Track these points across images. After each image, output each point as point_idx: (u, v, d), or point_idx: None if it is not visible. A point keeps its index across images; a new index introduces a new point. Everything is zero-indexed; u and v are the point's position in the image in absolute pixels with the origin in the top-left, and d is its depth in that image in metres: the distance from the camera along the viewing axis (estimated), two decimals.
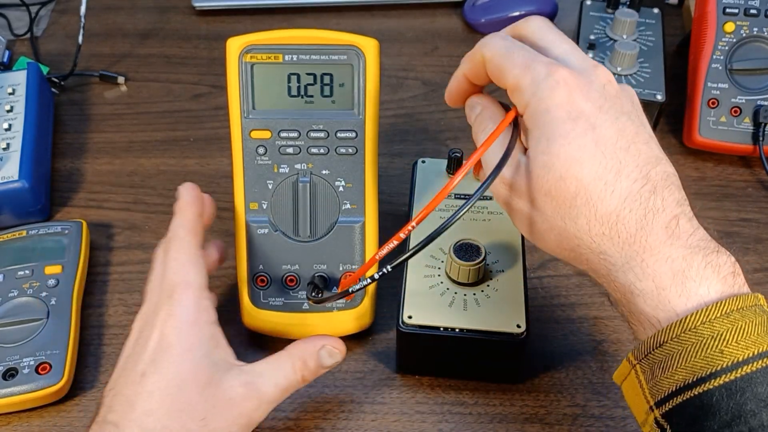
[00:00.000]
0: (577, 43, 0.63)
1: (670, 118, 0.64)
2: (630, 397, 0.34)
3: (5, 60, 0.69)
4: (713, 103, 0.59)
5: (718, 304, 0.31)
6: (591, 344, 0.49)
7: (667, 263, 0.32)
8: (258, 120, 0.45)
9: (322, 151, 0.45)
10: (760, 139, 0.59)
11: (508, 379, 0.47)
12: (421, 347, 0.45)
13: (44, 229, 0.53)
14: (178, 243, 0.41)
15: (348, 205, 0.46)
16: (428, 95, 0.67)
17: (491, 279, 0.45)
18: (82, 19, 0.67)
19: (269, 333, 0.48)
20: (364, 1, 0.76)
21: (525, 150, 0.36)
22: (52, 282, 0.49)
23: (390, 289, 0.52)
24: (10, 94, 0.59)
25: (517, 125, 0.36)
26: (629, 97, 0.36)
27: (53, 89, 0.67)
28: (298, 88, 0.44)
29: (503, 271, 0.46)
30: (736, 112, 0.59)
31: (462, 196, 0.51)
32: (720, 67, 0.59)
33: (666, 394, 0.31)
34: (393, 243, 0.38)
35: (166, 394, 0.37)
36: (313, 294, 0.45)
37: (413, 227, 0.38)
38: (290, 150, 0.45)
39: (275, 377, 0.40)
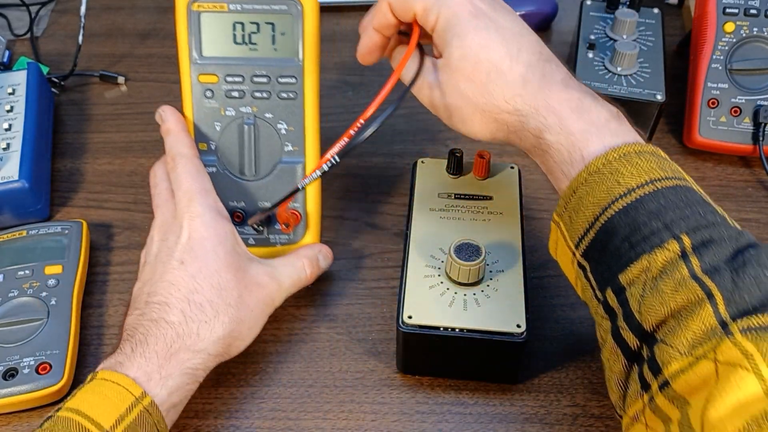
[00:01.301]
0: (577, 43, 0.63)
1: (670, 118, 0.64)
2: (562, 260, 0.41)
3: (5, 60, 0.70)
4: (713, 103, 0.59)
5: (618, 149, 0.37)
6: (591, 344, 0.49)
7: (566, 102, 0.39)
8: (205, 65, 0.48)
9: (264, 95, 0.48)
10: (760, 139, 0.59)
11: (508, 379, 0.47)
12: (421, 347, 0.45)
13: (44, 229, 0.53)
14: (184, 158, 0.46)
15: (290, 147, 0.49)
16: None
17: (491, 279, 0.45)
18: (82, 19, 0.67)
19: None
20: (364, 1, 0.76)
21: (438, 56, 0.43)
22: (52, 282, 0.49)
23: (390, 288, 0.52)
24: (10, 94, 0.59)
25: (421, 48, 0.45)
26: (508, 7, 0.44)
27: (53, 89, 0.67)
28: (243, 36, 0.47)
29: (503, 271, 0.46)
30: (736, 112, 0.59)
31: (462, 196, 0.51)
32: (720, 67, 0.59)
33: (581, 234, 0.38)
34: (344, 140, 0.43)
35: (206, 276, 0.43)
36: (256, 226, 0.49)
37: (361, 123, 0.44)
38: (235, 94, 0.48)
39: (290, 271, 0.47)
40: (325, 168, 0.44)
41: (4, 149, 0.55)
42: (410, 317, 0.43)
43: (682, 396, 0.31)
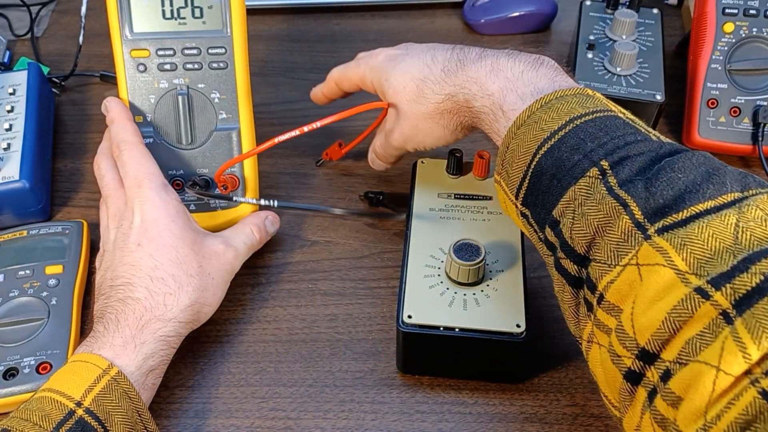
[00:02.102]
0: (577, 43, 0.63)
1: (669, 118, 0.64)
2: (511, 216, 0.43)
3: (6, 60, 0.70)
4: (712, 104, 0.60)
5: (539, 100, 0.39)
6: None
7: (482, 69, 0.44)
8: (137, 41, 0.50)
9: (196, 66, 0.50)
10: (760, 139, 0.59)
11: (508, 379, 0.47)
12: (421, 347, 0.45)
13: (45, 229, 0.53)
14: (128, 145, 0.48)
15: (224, 115, 0.51)
16: None
17: (491, 279, 0.45)
18: (83, 20, 0.67)
19: None
20: (364, 2, 0.76)
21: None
22: (52, 282, 0.49)
23: (390, 288, 0.52)
24: (10, 94, 0.59)
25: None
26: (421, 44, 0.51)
27: (54, 89, 0.67)
28: (172, 11, 0.50)
29: (503, 271, 0.46)
30: (735, 112, 0.59)
31: (462, 196, 0.51)
32: (719, 68, 0.59)
33: (518, 184, 0.40)
34: (293, 132, 0.49)
35: (164, 252, 0.45)
36: (195, 189, 0.51)
37: (317, 126, 0.49)
38: (167, 66, 0.50)
39: (242, 238, 0.50)
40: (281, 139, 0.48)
41: (4, 149, 0.55)
42: (410, 317, 0.43)
43: (616, 305, 0.33)
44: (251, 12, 0.76)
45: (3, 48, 0.70)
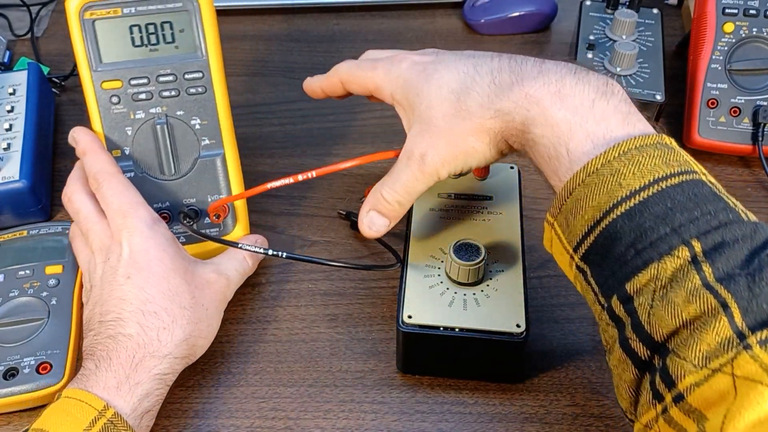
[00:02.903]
0: (577, 43, 0.63)
1: (669, 118, 0.64)
2: (558, 257, 0.39)
3: (6, 60, 0.70)
4: (712, 104, 0.60)
5: (615, 147, 0.35)
6: (591, 344, 0.49)
7: (544, 86, 0.38)
8: (107, 72, 0.48)
9: (173, 93, 0.48)
10: (760, 139, 0.59)
11: (508, 379, 0.47)
12: (421, 347, 0.45)
13: (45, 229, 0.53)
14: (107, 176, 0.45)
15: (207, 141, 0.50)
16: None
17: (491, 279, 0.45)
18: None
19: None
20: (363, 2, 0.76)
21: (408, 124, 0.44)
22: (52, 282, 0.49)
23: (390, 288, 0.52)
24: (10, 94, 0.59)
25: None
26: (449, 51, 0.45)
27: (54, 89, 0.67)
28: (141, 38, 0.47)
29: (503, 271, 0.46)
30: (735, 112, 0.59)
31: (462, 197, 0.51)
32: (719, 68, 0.59)
33: (580, 237, 0.35)
34: (287, 180, 0.45)
35: (155, 284, 0.43)
36: (185, 222, 0.49)
37: (312, 176, 0.45)
38: (143, 96, 0.48)
39: (234, 265, 0.48)
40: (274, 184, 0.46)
41: (4, 149, 0.55)
42: (410, 317, 0.43)
43: (698, 410, 0.30)
44: (250, 12, 0.77)
45: (3, 48, 0.70)
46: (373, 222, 0.45)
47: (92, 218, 0.45)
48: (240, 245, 0.47)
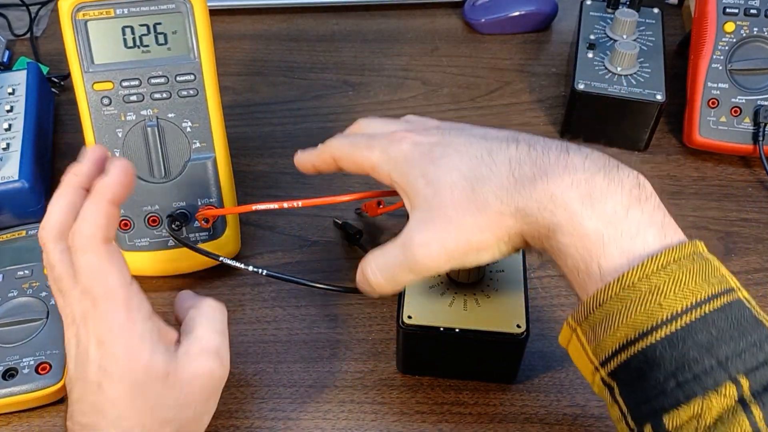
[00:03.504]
0: (577, 43, 0.63)
1: (670, 118, 0.64)
2: (576, 358, 0.36)
3: (5, 60, 0.70)
4: (713, 103, 0.59)
5: (655, 258, 0.32)
6: None
7: (572, 188, 0.33)
8: (99, 73, 0.47)
9: (164, 95, 0.48)
10: (760, 139, 0.59)
11: (508, 379, 0.47)
12: (422, 347, 0.45)
13: None
14: (91, 244, 0.36)
15: (198, 144, 0.49)
16: (428, 95, 0.67)
17: (491, 279, 0.45)
18: None
19: (140, 273, 0.50)
20: (363, 1, 0.76)
21: (408, 207, 0.38)
22: None
23: None
24: (10, 94, 0.59)
25: None
26: (457, 126, 0.41)
27: (53, 89, 0.67)
28: (134, 39, 0.47)
29: (503, 271, 0.46)
30: (736, 112, 0.59)
31: None
32: (720, 67, 0.59)
33: (610, 353, 0.32)
34: (272, 205, 0.45)
35: (130, 399, 0.36)
36: (174, 226, 0.48)
37: (298, 205, 0.45)
38: (134, 98, 0.48)
39: (217, 327, 0.40)
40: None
41: (4, 149, 0.55)
42: (410, 317, 0.43)
43: None
44: (251, 12, 0.77)
45: (2, 48, 0.70)
46: (361, 283, 0.40)
47: (64, 281, 0.36)
48: (221, 259, 0.47)
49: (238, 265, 0.46)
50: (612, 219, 0.33)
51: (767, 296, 0.52)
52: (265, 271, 0.46)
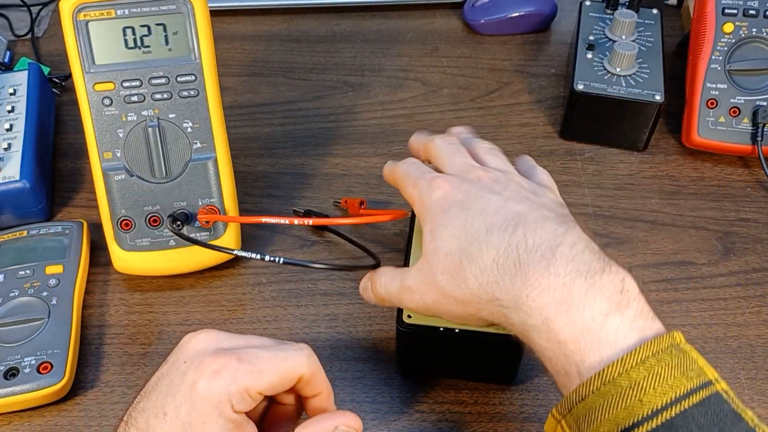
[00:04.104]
0: (577, 43, 0.63)
1: (669, 118, 0.64)
2: None
3: (6, 60, 0.70)
4: (712, 104, 0.60)
5: (634, 352, 0.31)
6: None
7: (549, 292, 0.34)
8: (100, 73, 0.47)
9: (165, 96, 0.48)
10: (759, 139, 0.59)
11: (508, 380, 0.47)
12: (421, 347, 0.45)
13: (45, 229, 0.53)
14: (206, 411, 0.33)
15: (198, 144, 0.49)
16: (428, 96, 0.68)
17: None
18: None
19: (140, 273, 0.52)
20: (364, 2, 0.76)
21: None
22: (53, 282, 0.49)
23: None
24: (11, 94, 0.59)
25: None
26: (515, 182, 0.40)
27: (54, 90, 0.67)
28: (134, 39, 0.47)
29: None
30: (734, 112, 0.59)
31: None
32: (719, 68, 0.60)
33: None
34: (283, 220, 0.46)
35: None
36: (174, 226, 0.49)
37: (308, 224, 0.47)
38: (135, 98, 0.48)
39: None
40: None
41: (5, 149, 0.55)
42: (410, 317, 0.43)
43: None
44: (251, 12, 0.77)
45: (3, 48, 0.70)
46: (365, 290, 0.44)
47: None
48: (236, 252, 0.46)
49: (252, 255, 0.45)
50: (589, 327, 0.33)
51: (766, 296, 0.52)
52: (282, 259, 0.45)
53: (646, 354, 0.32)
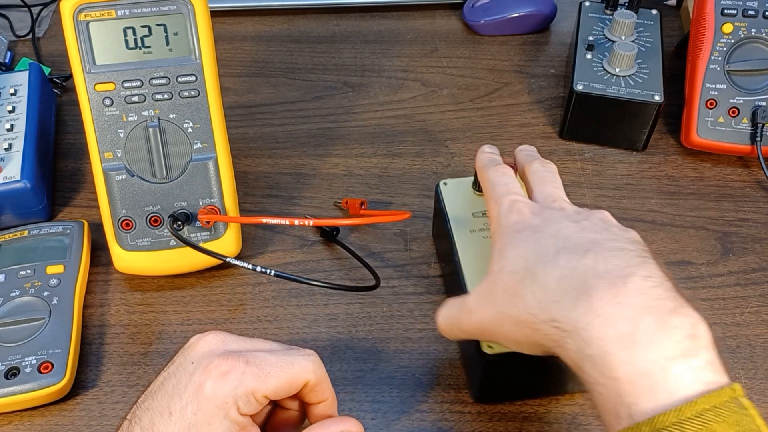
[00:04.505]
0: (576, 44, 0.63)
1: (668, 118, 0.64)
2: None
3: (7, 61, 0.70)
4: (711, 104, 0.60)
5: (692, 404, 0.29)
6: None
7: (612, 325, 0.31)
8: (100, 74, 0.48)
9: (166, 96, 0.48)
10: (758, 139, 0.59)
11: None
12: (505, 374, 0.43)
13: (46, 228, 0.53)
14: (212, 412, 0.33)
15: (199, 144, 0.50)
16: (428, 96, 0.68)
17: None
18: None
19: (141, 273, 0.52)
20: (363, 2, 0.76)
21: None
22: (53, 281, 0.49)
23: (390, 288, 0.52)
24: (12, 94, 0.59)
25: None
26: (598, 216, 0.38)
27: (55, 90, 0.67)
28: (135, 40, 0.47)
29: None
30: (734, 112, 0.60)
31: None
32: (718, 68, 0.60)
33: None
34: (283, 221, 0.46)
35: None
36: (175, 226, 0.49)
37: (308, 224, 0.47)
38: (135, 98, 0.48)
39: None
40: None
41: (6, 149, 0.55)
42: (491, 347, 0.41)
43: None
44: (251, 13, 0.77)
45: (4, 48, 0.70)
46: (437, 319, 0.42)
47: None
48: (228, 260, 0.46)
49: (244, 265, 0.46)
50: (650, 369, 0.30)
51: (765, 296, 0.52)
52: (273, 272, 0.46)
53: (704, 407, 0.29)
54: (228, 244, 0.51)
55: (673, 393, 0.30)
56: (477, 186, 0.49)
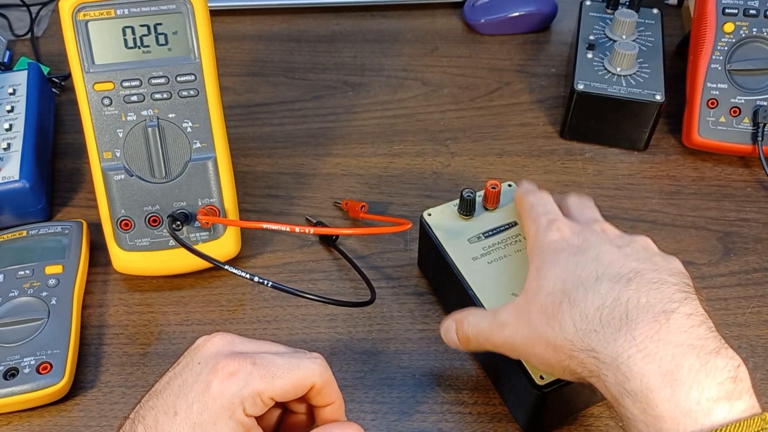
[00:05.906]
0: (577, 43, 0.63)
1: (669, 118, 0.64)
2: None
3: (6, 60, 0.70)
4: (712, 104, 0.60)
5: (724, 430, 0.29)
6: None
7: (655, 360, 0.31)
8: (99, 73, 0.47)
9: (165, 96, 0.48)
10: (759, 139, 0.59)
11: None
12: (558, 402, 0.42)
13: (45, 228, 0.53)
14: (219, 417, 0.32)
15: (198, 144, 0.49)
16: (428, 95, 0.68)
17: None
18: None
19: (140, 273, 0.52)
20: (364, 2, 0.76)
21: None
22: (52, 282, 0.49)
23: (390, 288, 0.52)
24: (10, 94, 0.59)
25: None
26: (640, 244, 0.38)
27: (54, 89, 0.67)
28: (134, 39, 0.47)
29: None
30: (735, 112, 0.59)
31: (491, 233, 0.47)
32: (719, 68, 0.60)
33: None
34: (283, 227, 0.45)
35: None
36: (174, 226, 0.49)
37: (310, 232, 0.47)
38: (134, 98, 0.48)
39: None
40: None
41: (4, 149, 0.55)
42: (542, 377, 0.40)
43: None
44: (251, 12, 0.77)
45: (3, 48, 0.70)
46: (448, 331, 0.42)
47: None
48: (226, 267, 0.45)
49: (242, 274, 0.44)
50: (693, 409, 0.30)
51: (766, 296, 0.52)
52: (270, 283, 0.44)
53: None
54: (227, 244, 0.51)
55: (712, 429, 0.29)
56: (463, 209, 0.48)
